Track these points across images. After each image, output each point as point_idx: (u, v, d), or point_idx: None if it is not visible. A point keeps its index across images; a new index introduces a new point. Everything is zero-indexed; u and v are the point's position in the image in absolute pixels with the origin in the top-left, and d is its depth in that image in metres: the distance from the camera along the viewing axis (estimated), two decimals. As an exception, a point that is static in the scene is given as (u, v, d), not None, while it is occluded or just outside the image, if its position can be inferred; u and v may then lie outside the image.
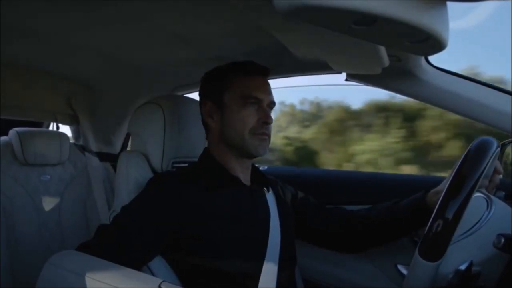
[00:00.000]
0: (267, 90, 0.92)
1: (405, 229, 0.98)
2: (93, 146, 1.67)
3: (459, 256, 0.71)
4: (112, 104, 1.66)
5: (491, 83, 0.99)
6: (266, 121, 0.89)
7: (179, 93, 1.58)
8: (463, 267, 0.69)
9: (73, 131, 1.75)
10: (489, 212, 0.77)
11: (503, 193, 0.89)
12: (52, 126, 1.97)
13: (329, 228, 1.03)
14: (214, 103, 0.92)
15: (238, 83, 0.90)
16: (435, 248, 0.66)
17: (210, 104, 0.93)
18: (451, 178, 0.70)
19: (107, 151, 1.73)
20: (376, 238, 1.02)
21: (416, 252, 0.68)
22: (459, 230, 0.71)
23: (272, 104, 0.92)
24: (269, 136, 0.91)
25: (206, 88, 0.95)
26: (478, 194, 0.78)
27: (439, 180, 0.92)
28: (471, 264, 0.70)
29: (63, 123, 1.71)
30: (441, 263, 0.66)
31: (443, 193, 0.69)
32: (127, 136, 1.79)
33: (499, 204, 0.79)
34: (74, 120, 1.66)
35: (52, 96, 1.53)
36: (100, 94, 1.62)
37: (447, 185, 0.70)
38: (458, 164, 0.71)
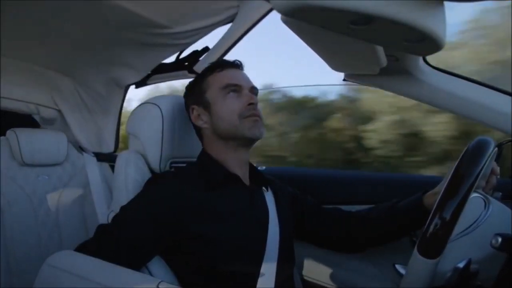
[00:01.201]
0: (245, 78, 0.95)
1: (403, 230, 0.98)
2: (84, 143, 1.68)
3: (458, 254, 0.72)
4: (93, 97, 1.67)
5: (491, 84, 0.99)
6: (250, 102, 0.90)
7: (154, 82, 1.65)
8: (461, 264, 0.70)
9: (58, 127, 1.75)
10: (486, 212, 0.77)
11: (500, 193, 0.89)
12: None
13: (328, 229, 1.03)
14: (200, 106, 0.94)
15: (215, 79, 0.93)
16: (434, 246, 0.66)
17: (196, 107, 0.95)
18: (449, 177, 0.71)
19: (99, 150, 1.73)
20: (374, 239, 1.02)
21: (415, 249, 0.68)
22: (458, 229, 0.71)
23: (254, 89, 0.95)
24: (259, 116, 0.92)
25: (189, 96, 0.99)
26: (475, 194, 0.78)
27: (439, 180, 0.92)
28: (469, 262, 0.70)
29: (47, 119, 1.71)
30: (439, 260, 0.66)
31: (441, 192, 0.69)
32: (118, 133, 1.79)
33: (496, 205, 0.79)
34: (59, 115, 1.68)
35: (34, 87, 1.54)
36: (81, 86, 1.63)
37: (445, 184, 0.70)
38: (456, 164, 0.71)
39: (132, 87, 1.70)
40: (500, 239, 0.68)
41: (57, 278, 0.73)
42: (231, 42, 1.33)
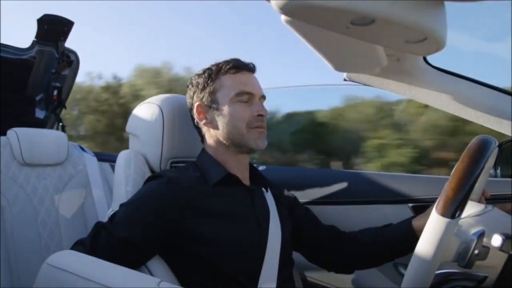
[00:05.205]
0: (257, 85, 0.94)
1: (392, 254, 0.97)
2: None
3: (472, 229, 0.72)
4: None
5: (491, 84, 0.99)
6: (261, 113, 0.90)
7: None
8: (475, 236, 0.69)
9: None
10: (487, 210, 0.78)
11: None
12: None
13: (319, 246, 1.02)
14: (207, 104, 0.92)
15: (230, 81, 0.91)
16: (452, 207, 0.65)
17: (203, 105, 0.93)
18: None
19: None
20: (363, 261, 1.01)
21: (433, 209, 0.67)
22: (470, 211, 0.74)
23: (263, 97, 0.94)
24: (265, 128, 0.92)
25: (197, 90, 0.94)
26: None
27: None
28: (483, 233, 0.70)
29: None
30: (456, 223, 0.65)
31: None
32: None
33: (496, 210, 0.79)
34: None
35: None
36: None
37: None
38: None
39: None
40: (501, 239, 0.68)
41: (57, 278, 0.73)
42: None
